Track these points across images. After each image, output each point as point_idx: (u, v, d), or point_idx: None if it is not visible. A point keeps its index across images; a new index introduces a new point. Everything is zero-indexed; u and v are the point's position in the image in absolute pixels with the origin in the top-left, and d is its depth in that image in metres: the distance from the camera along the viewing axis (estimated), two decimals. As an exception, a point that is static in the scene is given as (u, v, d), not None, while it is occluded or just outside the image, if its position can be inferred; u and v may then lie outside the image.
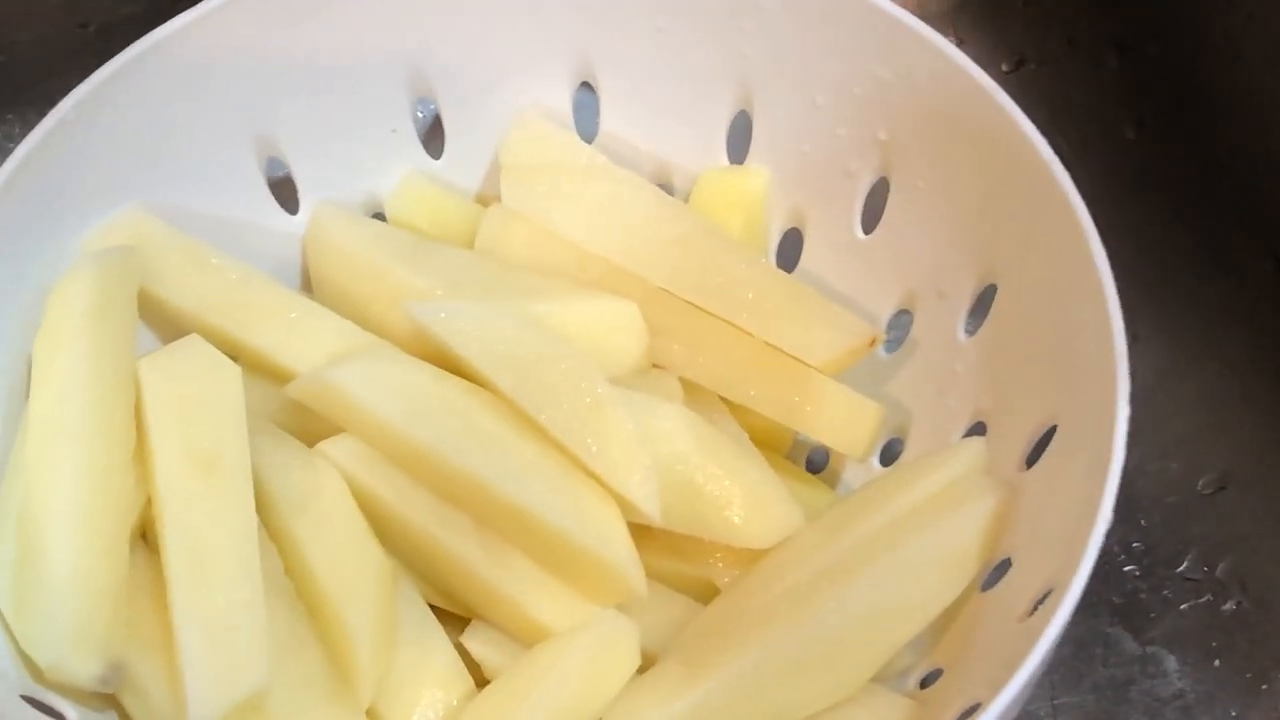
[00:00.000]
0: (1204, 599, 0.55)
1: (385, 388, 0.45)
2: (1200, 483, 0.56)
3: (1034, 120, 0.44)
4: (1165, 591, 0.55)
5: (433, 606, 0.47)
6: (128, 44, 0.47)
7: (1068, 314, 0.43)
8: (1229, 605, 0.55)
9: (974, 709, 0.40)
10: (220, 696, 0.40)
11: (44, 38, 0.62)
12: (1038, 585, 0.41)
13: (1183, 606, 0.55)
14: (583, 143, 0.52)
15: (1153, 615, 0.54)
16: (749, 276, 0.49)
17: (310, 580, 0.45)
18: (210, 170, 0.50)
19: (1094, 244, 0.41)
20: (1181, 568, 0.55)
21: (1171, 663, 0.54)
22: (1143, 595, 0.55)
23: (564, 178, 0.51)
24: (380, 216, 0.54)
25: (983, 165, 0.45)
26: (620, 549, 0.44)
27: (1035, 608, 0.41)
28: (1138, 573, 0.55)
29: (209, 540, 0.42)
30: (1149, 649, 0.54)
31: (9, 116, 0.64)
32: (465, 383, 0.46)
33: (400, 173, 0.54)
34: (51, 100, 0.62)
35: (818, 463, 0.55)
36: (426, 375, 0.46)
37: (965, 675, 0.44)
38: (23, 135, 0.62)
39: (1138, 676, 0.54)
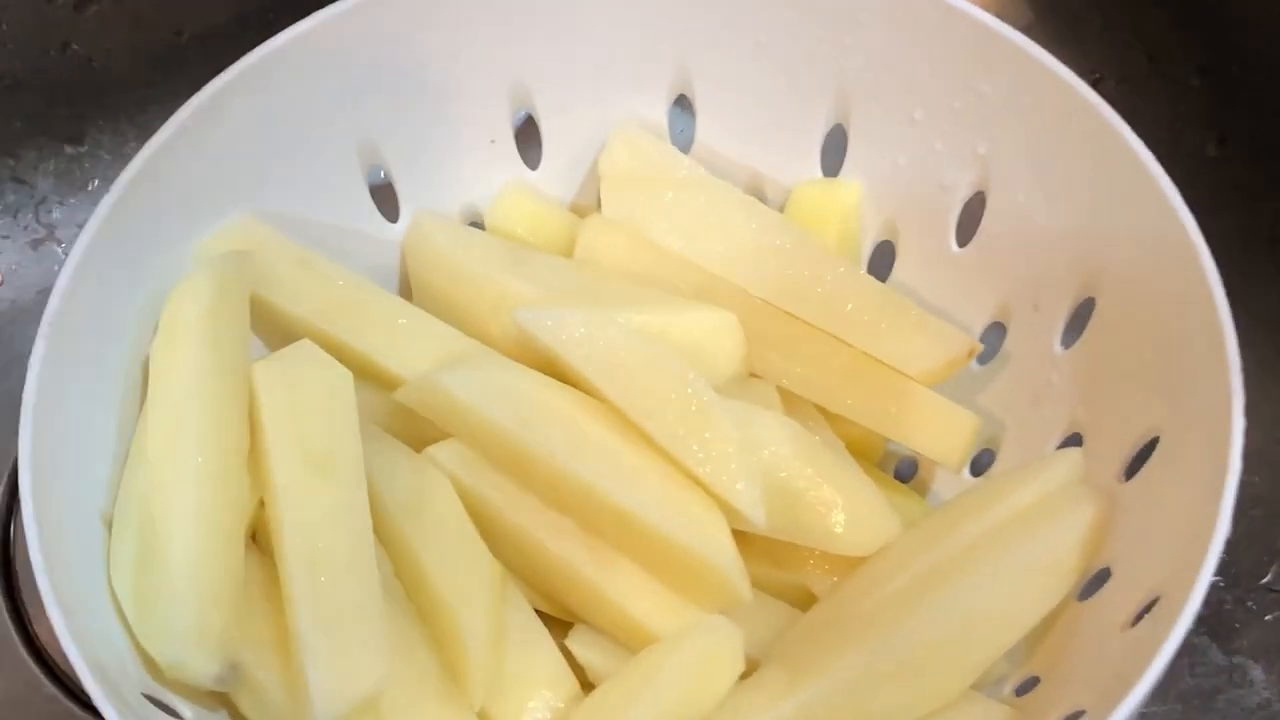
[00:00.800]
0: (1289, 610, 0.56)
1: (494, 393, 0.46)
2: (1284, 496, 0.57)
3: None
4: (1250, 603, 0.55)
5: (537, 611, 0.48)
6: (220, 52, 0.48)
7: (1175, 326, 0.43)
8: (1313, 616, 0.55)
9: (1077, 715, 0.41)
10: (342, 694, 0.41)
11: (138, 44, 0.63)
12: (1141, 595, 0.42)
13: (1268, 617, 0.55)
14: (681, 154, 0.53)
15: (1238, 626, 0.55)
16: (848, 287, 0.50)
17: (421, 582, 0.45)
18: (316, 178, 0.51)
19: (1204, 257, 0.41)
20: (1266, 579, 0.56)
21: (1257, 672, 0.54)
22: (1228, 606, 0.55)
23: (663, 188, 0.52)
24: (478, 225, 0.55)
25: (1086, 179, 0.46)
26: (725, 554, 0.45)
27: (1139, 618, 0.41)
28: (1223, 584, 0.55)
29: (326, 540, 0.43)
30: (1235, 659, 0.55)
31: (100, 122, 0.65)
32: (571, 389, 0.47)
33: (497, 183, 0.55)
34: (144, 107, 0.64)
35: (905, 474, 0.55)
36: (534, 381, 0.47)
37: (1064, 683, 0.44)
38: (113, 141, 0.64)
39: (1224, 686, 0.54)
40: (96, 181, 0.65)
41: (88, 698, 0.54)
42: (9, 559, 0.59)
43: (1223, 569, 0.55)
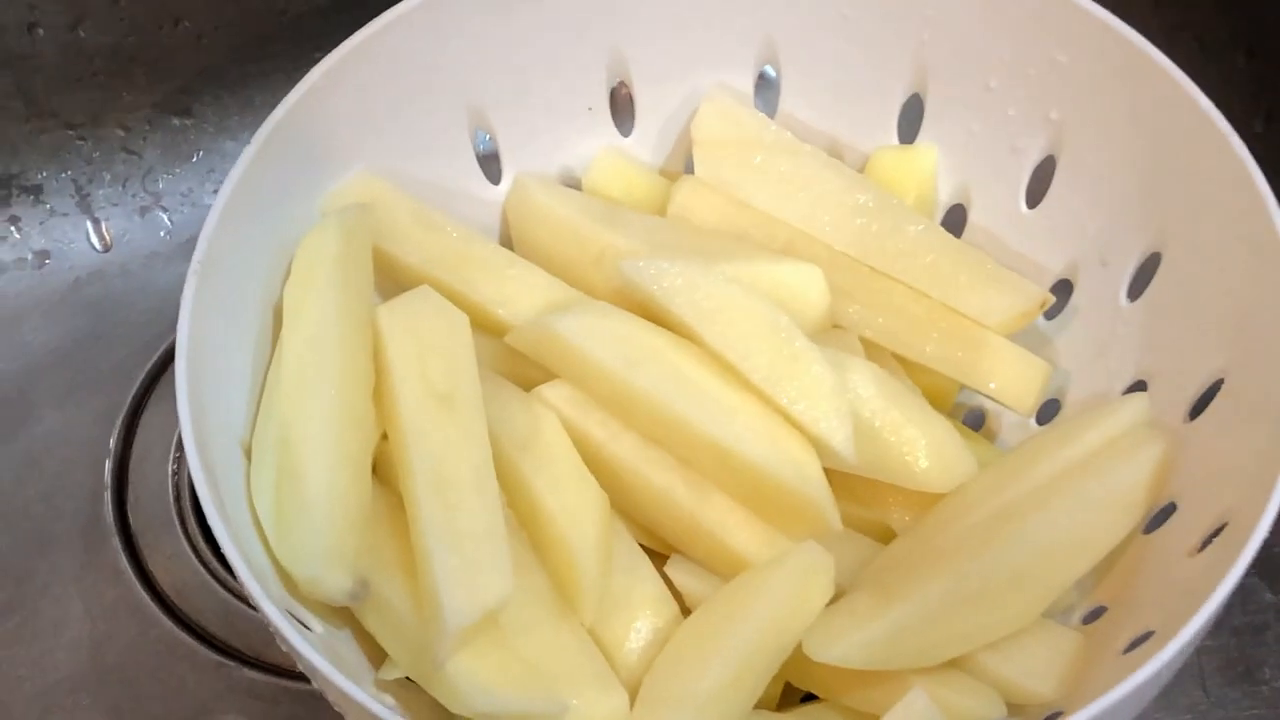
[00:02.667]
0: (1334, 553, 0.58)
1: (602, 336, 0.49)
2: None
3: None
4: (1298, 547, 0.58)
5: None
6: (319, 31, 0.51)
7: (1240, 274, 0.46)
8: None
9: (1146, 636, 0.44)
10: (472, 605, 0.43)
11: (243, 23, 0.66)
12: (1208, 522, 0.45)
13: (1314, 560, 0.58)
14: (769, 119, 0.56)
15: (1285, 567, 0.58)
16: (927, 242, 0.53)
17: (534, 511, 0.48)
18: (426, 140, 0.55)
19: (1270, 204, 0.44)
20: (1313, 524, 0.59)
21: (1306, 611, 0.58)
22: (1276, 549, 0.58)
23: (752, 151, 0.55)
24: (574, 188, 0.58)
25: (1154, 140, 0.49)
26: (816, 485, 0.47)
27: (1206, 543, 0.44)
28: (1272, 528, 0.58)
29: (452, 467, 0.46)
30: (1284, 598, 0.58)
31: (205, 97, 0.68)
32: (672, 334, 0.50)
33: (592, 148, 0.58)
34: (245, 82, 0.67)
35: (973, 426, 0.58)
36: (638, 326, 0.50)
37: (1131, 609, 0.47)
38: (216, 115, 0.67)
39: (1273, 623, 0.57)
40: (201, 153, 0.69)
41: (203, 633, 0.58)
42: (124, 502, 0.63)
43: (1272, 517, 0.58)
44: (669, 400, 0.48)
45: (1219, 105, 0.47)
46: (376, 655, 0.47)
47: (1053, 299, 0.53)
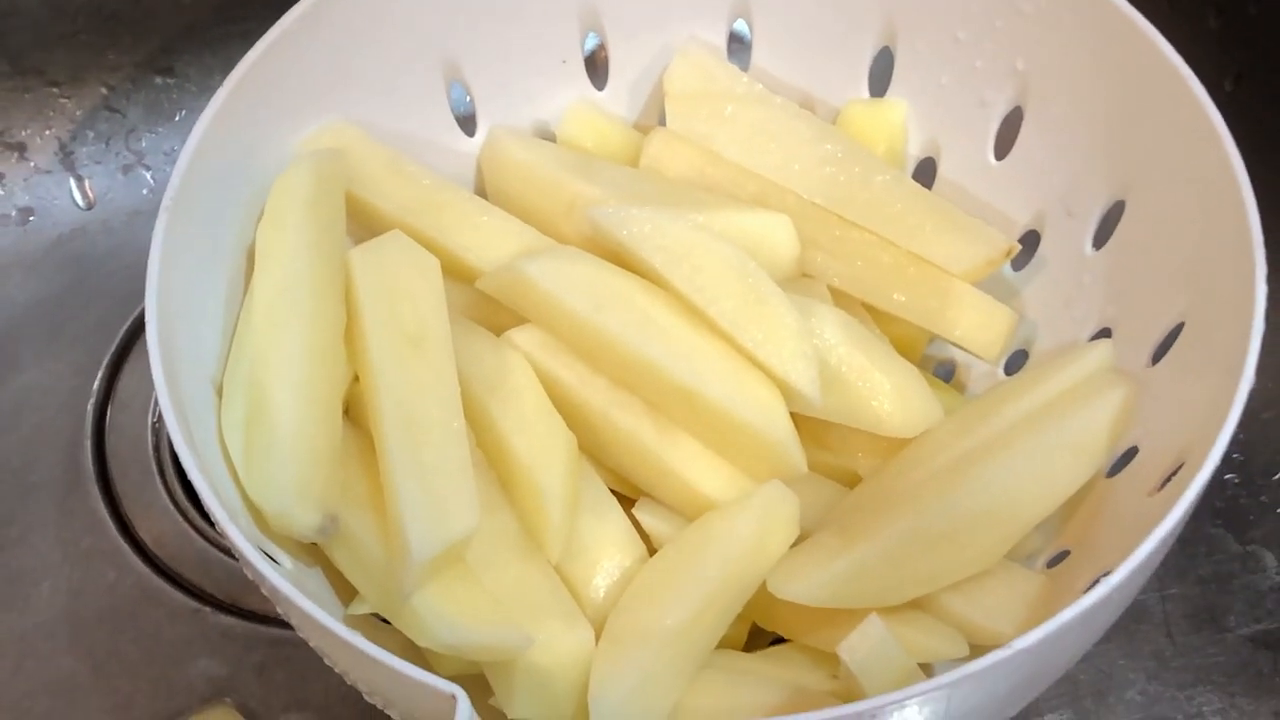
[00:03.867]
0: (1299, 502, 0.59)
1: (571, 280, 0.49)
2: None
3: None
4: (1263, 497, 0.59)
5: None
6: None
7: (1201, 220, 0.47)
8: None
9: (1103, 576, 0.44)
10: (436, 536, 0.44)
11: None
12: (1168, 462, 0.45)
13: (1279, 510, 0.59)
14: (741, 71, 0.56)
15: (1252, 518, 0.59)
16: (896, 192, 0.54)
17: (503, 451, 0.49)
18: (401, 90, 0.55)
19: (1229, 147, 0.45)
20: (1278, 476, 0.59)
21: (1270, 559, 0.58)
22: (1242, 500, 0.59)
23: (724, 102, 0.55)
24: (548, 140, 0.59)
25: (1119, 89, 0.50)
26: (782, 427, 0.48)
27: (1165, 482, 0.45)
28: (1237, 480, 0.59)
29: (420, 406, 0.46)
30: (1249, 548, 0.58)
31: (187, 56, 0.69)
32: (641, 280, 0.50)
33: (566, 101, 0.59)
34: (228, 42, 0.68)
35: (943, 378, 0.59)
36: (607, 271, 0.50)
37: (1093, 551, 0.48)
38: (199, 74, 0.68)
39: (1239, 571, 0.58)
40: (184, 112, 0.70)
41: (180, 580, 0.59)
42: (104, 452, 0.63)
43: (1237, 467, 0.59)
44: (637, 344, 0.48)
45: (1190, 64, 0.47)
46: (346, 593, 0.48)
47: (1018, 247, 0.53)
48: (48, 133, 0.69)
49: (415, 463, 0.45)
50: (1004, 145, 0.55)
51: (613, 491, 0.51)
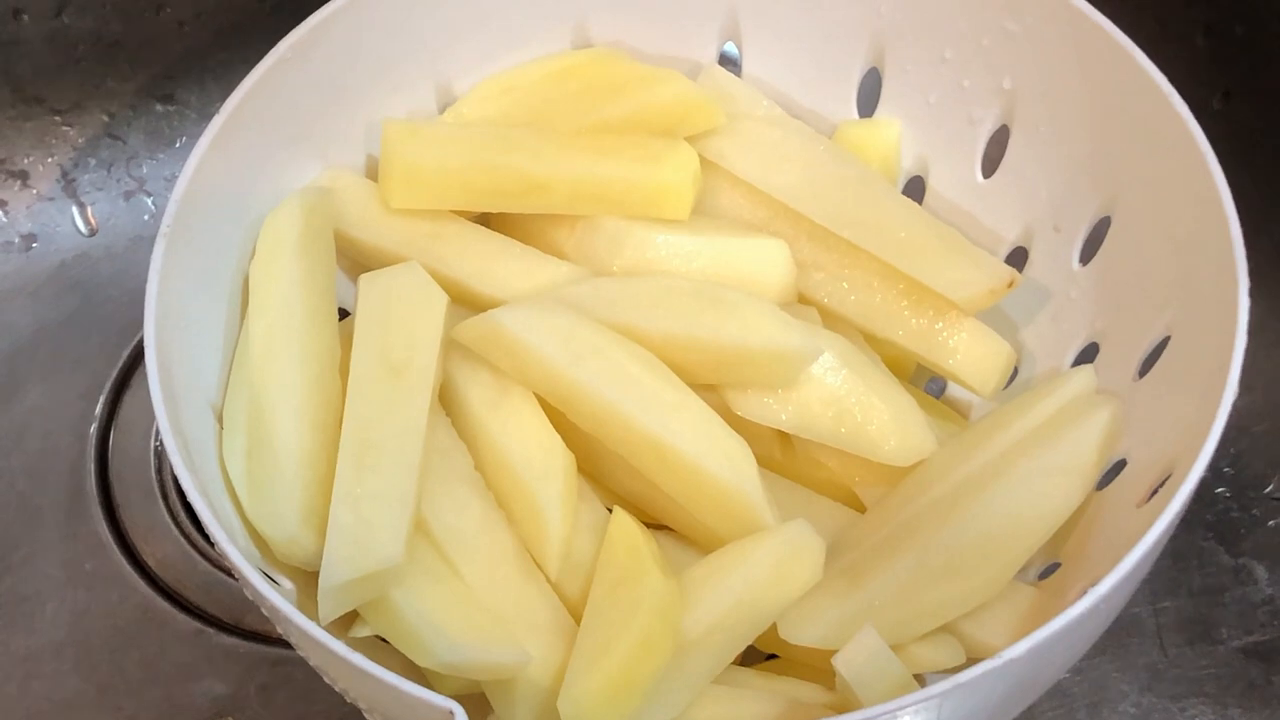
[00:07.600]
0: (1290, 516, 0.60)
1: (545, 331, 0.49)
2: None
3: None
4: (1254, 510, 0.60)
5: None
6: (302, 16, 0.51)
7: (1186, 232, 0.47)
8: (1314, 521, 0.60)
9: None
10: (351, 564, 0.44)
11: (226, 9, 0.68)
12: (1155, 474, 0.46)
13: (1270, 523, 0.60)
14: (760, 93, 0.57)
15: (1243, 531, 0.59)
16: (904, 218, 0.53)
17: (501, 469, 0.49)
18: (397, 114, 0.56)
19: (1211, 161, 0.46)
20: (1269, 489, 0.60)
21: (1261, 572, 0.58)
22: (1234, 514, 0.59)
23: (741, 124, 0.55)
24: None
25: (1104, 106, 0.50)
26: (750, 481, 0.47)
27: (1153, 493, 0.45)
28: (1228, 494, 0.60)
29: (377, 431, 0.47)
30: (1240, 560, 0.59)
31: (188, 83, 0.69)
32: (615, 333, 0.49)
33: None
34: (229, 68, 0.68)
35: (933, 392, 0.59)
36: (581, 322, 0.49)
37: (1083, 563, 0.48)
38: (200, 101, 0.69)
39: (1230, 584, 0.58)
40: (184, 138, 0.71)
41: (182, 602, 0.59)
42: (106, 475, 0.64)
43: (1229, 480, 0.60)
44: (609, 395, 0.48)
45: (1177, 84, 0.48)
46: (347, 615, 0.48)
47: (1021, 279, 0.52)
48: (50, 160, 0.70)
49: (353, 487, 0.46)
50: (992, 162, 0.56)
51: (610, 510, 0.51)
